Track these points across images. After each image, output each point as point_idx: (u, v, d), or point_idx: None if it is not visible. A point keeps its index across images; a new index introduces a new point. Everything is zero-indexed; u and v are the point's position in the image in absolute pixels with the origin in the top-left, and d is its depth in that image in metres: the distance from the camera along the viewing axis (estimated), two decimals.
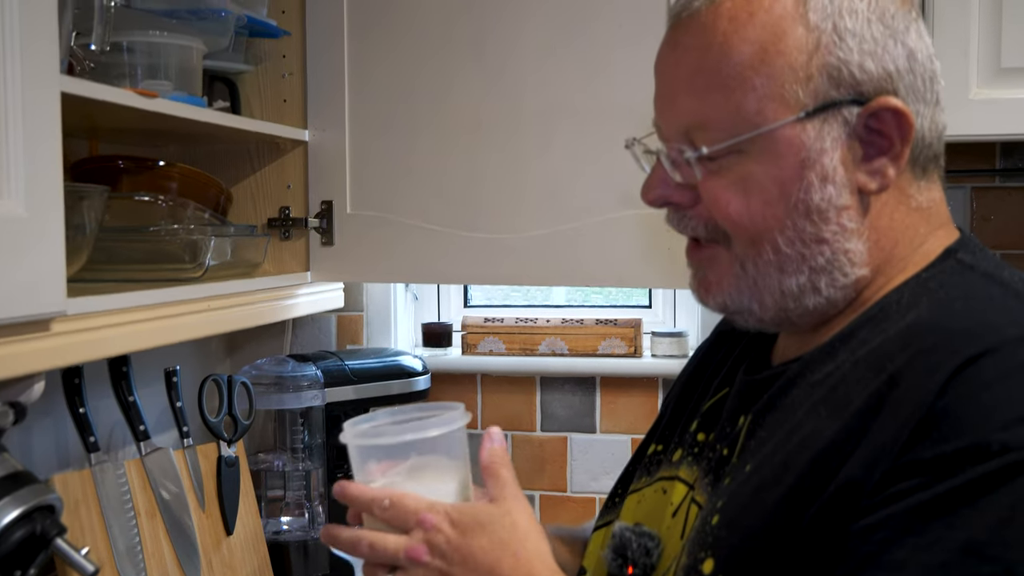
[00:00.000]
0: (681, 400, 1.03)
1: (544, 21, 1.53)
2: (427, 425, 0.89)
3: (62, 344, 1.05)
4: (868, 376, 0.75)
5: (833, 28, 0.79)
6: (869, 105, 0.79)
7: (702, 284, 0.88)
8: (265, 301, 1.53)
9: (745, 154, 0.81)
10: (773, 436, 0.80)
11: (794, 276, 0.82)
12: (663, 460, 0.98)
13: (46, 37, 0.95)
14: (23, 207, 0.93)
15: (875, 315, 0.82)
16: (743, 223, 0.82)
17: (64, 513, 1.35)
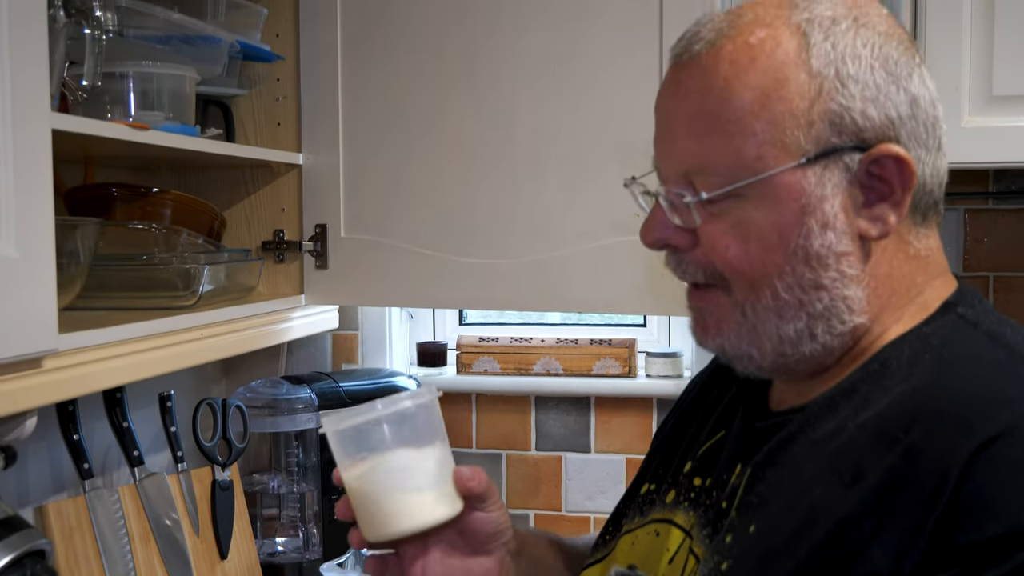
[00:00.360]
0: (674, 438, 1.02)
1: (536, 45, 1.53)
2: (398, 399, 0.92)
3: (54, 380, 1.05)
4: (878, 446, 0.74)
5: (836, 74, 0.79)
6: (871, 152, 0.79)
7: (701, 326, 0.87)
8: (259, 326, 1.53)
9: (744, 199, 0.80)
10: (777, 496, 0.79)
11: (792, 322, 0.81)
12: (656, 500, 0.97)
13: (37, 76, 0.96)
14: (14, 247, 0.93)
15: (876, 370, 0.81)
16: (742, 268, 0.81)
17: (58, 540, 1.36)
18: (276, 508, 1.80)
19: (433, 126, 1.59)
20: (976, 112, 1.39)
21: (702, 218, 0.82)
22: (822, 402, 0.82)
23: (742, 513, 0.82)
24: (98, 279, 1.27)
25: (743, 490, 0.83)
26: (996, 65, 1.38)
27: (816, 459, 0.78)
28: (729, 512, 0.83)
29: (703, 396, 1.03)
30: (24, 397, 1.00)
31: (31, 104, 0.95)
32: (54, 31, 1.08)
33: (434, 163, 1.59)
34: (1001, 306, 1.76)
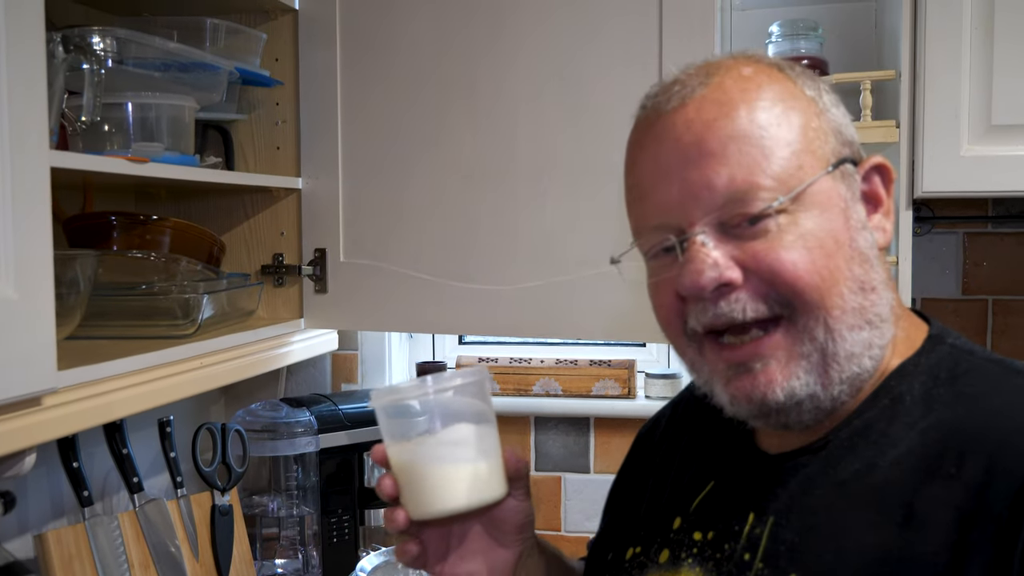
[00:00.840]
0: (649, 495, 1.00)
1: (535, 70, 1.53)
2: (450, 376, 0.90)
3: (54, 417, 1.05)
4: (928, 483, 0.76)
5: (820, 97, 0.84)
6: (862, 164, 0.85)
7: (764, 378, 0.80)
8: (259, 352, 1.53)
9: (794, 213, 0.79)
10: (812, 542, 0.79)
11: (858, 331, 0.80)
12: (647, 563, 0.94)
13: (35, 116, 0.96)
14: (12, 288, 0.93)
15: (888, 407, 0.82)
16: (813, 281, 0.78)
17: (58, 568, 1.36)
18: (276, 529, 1.80)
19: (432, 150, 1.59)
20: (975, 141, 1.39)
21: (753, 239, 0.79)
22: (840, 443, 0.82)
23: (772, 564, 0.81)
24: (98, 308, 1.27)
25: (768, 539, 0.82)
26: (995, 94, 1.38)
27: (850, 500, 0.79)
28: (753, 563, 0.82)
29: (670, 446, 1.02)
30: (24, 436, 1.00)
31: (30, 144, 0.95)
32: (53, 66, 1.08)
33: (433, 187, 1.59)
34: (1000, 329, 1.76)
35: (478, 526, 0.96)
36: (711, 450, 0.95)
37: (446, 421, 0.90)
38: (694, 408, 1.03)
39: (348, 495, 1.81)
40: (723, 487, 0.91)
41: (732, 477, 0.90)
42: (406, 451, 0.91)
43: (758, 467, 0.88)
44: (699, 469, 0.95)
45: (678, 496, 0.95)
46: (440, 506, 0.90)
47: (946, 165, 1.39)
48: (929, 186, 1.41)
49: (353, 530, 1.81)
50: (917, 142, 1.41)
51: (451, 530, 0.96)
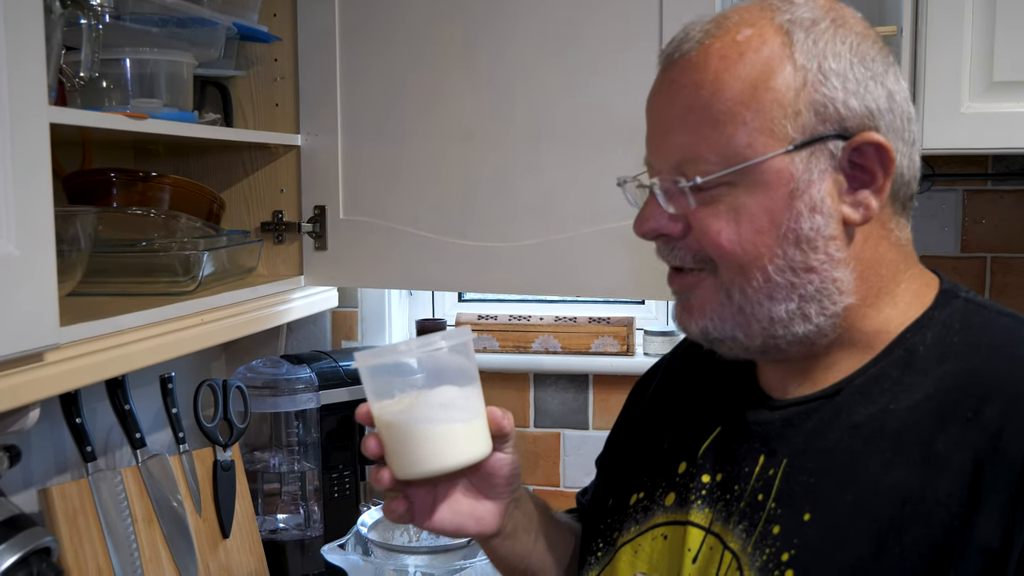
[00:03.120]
0: (650, 442, 1.02)
1: (535, 29, 1.52)
2: (434, 338, 0.91)
3: (57, 373, 1.06)
4: (946, 426, 0.80)
5: (818, 68, 0.82)
6: (853, 140, 0.83)
7: (685, 309, 0.90)
8: (259, 309, 1.54)
9: (736, 185, 0.83)
10: (828, 482, 0.83)
11: (783, 303, 0.84)
12: (652, 507, 0.97)
13: (34, 72, 0.95)
14: (14, 245, 0.93)
15: (902, 356, 0.86)
16: (734, 251, 0.84)
17: (62, 523, 1.38)
18: (277, 484, 1.82)
19: (432, 108, 1.59)
20: (976, 98, 1.39)
21: (696, 203, 0.85)
22: (853, 390, 0.86)
23: (786, 504, 0.84)
24: (98, 265, 1.28)
25: (781, 479, 0.86)
26: (997, 51, 1.37)
27: (866, 442, 0.82)
28: (766, 504, 0.86)
29: (670, 394, 1.05)
30: (27, 391, 1.01)
31: (29, 100, 0.94)
32: (50, 21, 1.08)
33: (433, 145, 1.59)
34: (999, 287, 1.77)
35: (464, 480, 0.98)
36: (715, 396, 0.98)
37: (430, 382, 0.91)
38: (693, 358, 1.06)
39: (349, 451, 1.83)
40: (731, 431, 0.94)
41: (740, 421, 0.93)
42: (390, 412, 0.91)
43: (766, 411, 0.91)
44: (704, 415, 0.97)
45: (682, 442, 0.98)
46: (425, 466, 0.91)
47: (947, 122, 1.39)
48: (929, 143, 1.41)
49: (354, 485, 1.83)
50: (918, 99, 1.41)
51: (437, 484, 0.97)
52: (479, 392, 0.94)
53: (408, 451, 0.91)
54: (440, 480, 0.96)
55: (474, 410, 0.93)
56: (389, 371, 0.93)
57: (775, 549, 0.83)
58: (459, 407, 0.92)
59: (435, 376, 0.92)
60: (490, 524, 0.99)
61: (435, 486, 0.97)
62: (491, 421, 0.94)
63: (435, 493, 0.97)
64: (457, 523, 0.98)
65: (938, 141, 1.41)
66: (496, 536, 1.01)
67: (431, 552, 1.57)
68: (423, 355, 0.92)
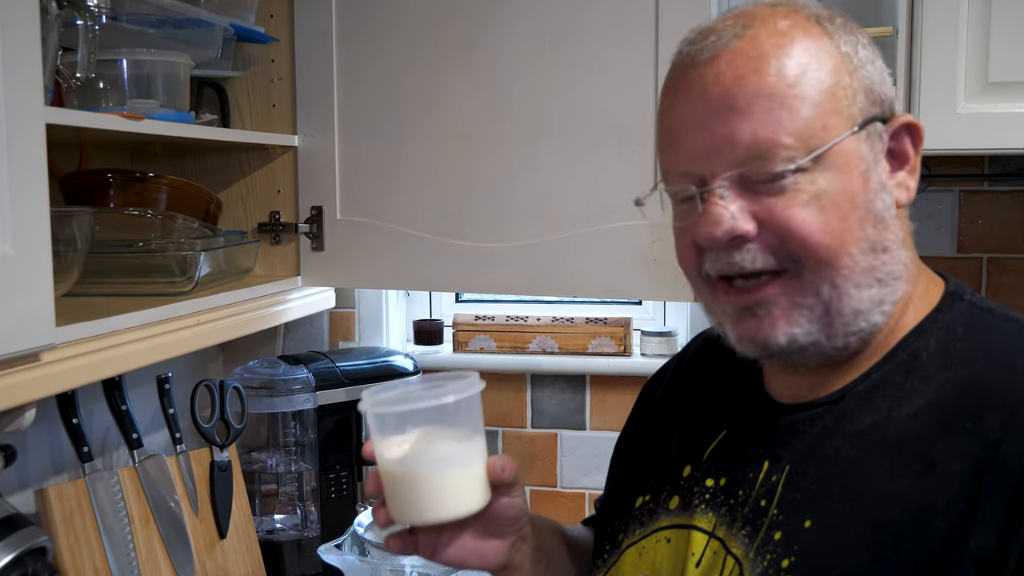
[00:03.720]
0: (656, 446, 1.02)
1: (532, 29, 1.53)
2: (444, 391, 0.89)
3: (53, 373, 1.06)
4: (946, 435, 0.79)
5: (856, 54, 0.84)
6: (891, 122, 0.85)
7: (767, 322, 0.84)
8: (256, 309, 1.54)
9: (813, 172, 0.81)
10: (829, 490, 0.82)
11: (866, 289, 0.83)
12: (657, 510, 0.96)
13: (30, 72, 0.96)
14: (10, 245, 0.93)
15: (906, 362, 0.85)
16: (824, 241, 0.81)
17: (59, 523, 1.38)
18: (274, 485, 1.82)
19: (429, 108, 1.59)
20: (972, 98, 1.39)
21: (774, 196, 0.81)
22: (856, 396, 0.85)
23: (788, 510, 0.84)
24: (95, 265, 1.28)
25: (784, 486, 0.85)
26: (992, 51, 1.37)
27: (868, 451, 0.82)
28: (768, 510, 0.85)
29: (676, 399, 1.04)
30: (23, 391, 1.01)
31: (25, 101, 0.94)
32: (46, 22, 1.08)
33: (430, 146, 1.59)
34: (995, 287, 1.77)
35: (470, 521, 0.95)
36: (721, 401, 0.97)
37: (433, 432, 0.90)
38: (700, 361, 1.05)
39: (346, 451, 1.83)
40: (736, 436, 0.93)
41: (745, 426, 0.92)
42: (395, 460, 0.90)
43: (772, 417, 0.90)
44: (710, 419, 0.97)
45: (688, 445, 0.97)
46: (419, 515, 0.90)
47: (943, 122, 1.39)
48: (925, 143, 1.40)
49: (351, 486, 1.83)
50: (914, 99, 1.41)
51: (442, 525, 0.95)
52: (482, 443, 0.92)
53: (405, 498, 0.90)
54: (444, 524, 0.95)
55: (473, 463, 0.91)
56: (392, 419, 0.91)
57: (775, 556, 0.82)
58: (458, 460, 0.90)
59: (439, 426, 0.90)
60: (494, 561, 0.97)
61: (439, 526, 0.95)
62: (491, 472, 0.91)
63: (439, 530, 0.95)
64: (461, 558, 0.96)
65: (934, 141, 1.40)
66: (503, 569, 0.99)
67: None
68: (430, 407, 0.89)
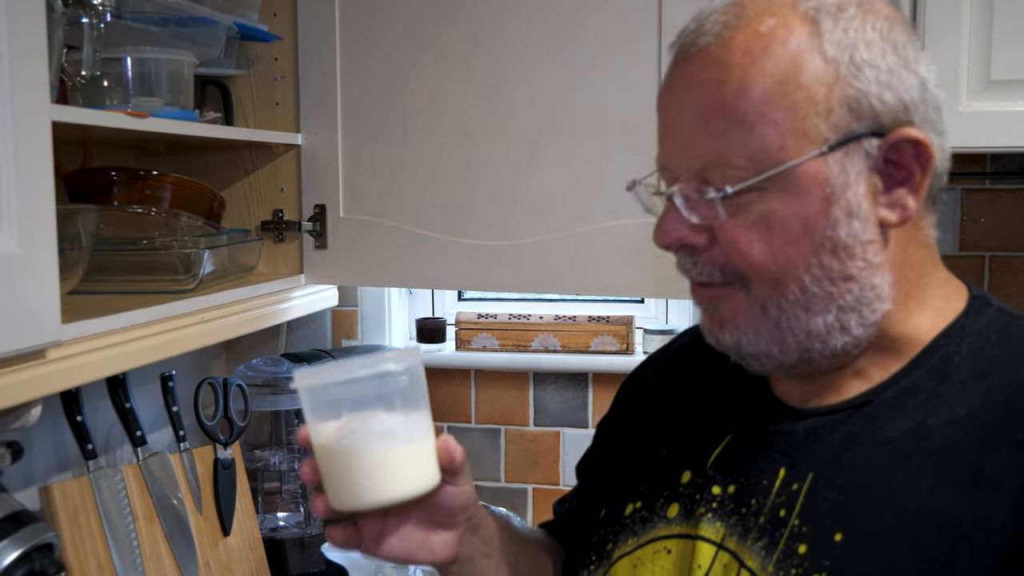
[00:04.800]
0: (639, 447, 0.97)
1: (534, 28, 1.53)
2: (382, 359, 0.82)
3: (58, 370, 1.06)
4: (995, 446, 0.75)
5: (850, 60, 0.77)
6: (888, 137, 0.77)
7: (716, 321, 0.84)
8: (260, 307, 1.54)
9: (767, 191, 0.77)
10: (861, 500, 0.78)
11: (821, 315, 0.79)
12: (652, 518, 0.91)
13: (36, 70, 0.96)
14: (16, 242, 0.93)
15: (937, 367, 0.81)
16: (767, 264, 0.78)
17: (63, 520, 1.38)
18: (277, 483, 1.83)
19: (432, 106, 1.59)
20: (974, 97, 1.39)
21: (726, 214, 0.79)
22: (885, 401, 0.81)
23: (813, 521, 0.79)
24: (100, 263, 1.28)
25: (805, 496, 0.81)
26: (995, 50, 1.37)
27: (904, 460, 0.77)
28: (789, 520, 0.80)
29: (664, 397, 1.00)
30: (28, 388, 1.01)
31: (31, 99, 0.94)
32: (52, 20, 1.08)
33: (433, 144, 1.60)
34: (997, 285, 1.77)
35: (416, 509, 0.89)
36: (723, 402, 0.93)
37: (371, 408, 0.82)
38: (691, 357, 1.01)
39: None
40: (744, 440, 0.88)
41: (755, 430, 0.88)
42: (326, 438, 0.83)
43: (785, 421, 0.86)
44: (711, 422, 0.92)
45: (685, 449, 0.92)
46: (366, 498, 0.82)
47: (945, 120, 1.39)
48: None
49: None
50: None
51: (387, 514, 0.88)
52: (427, 420, 0.85)
53: (343, 480, 0.82)
54: (389, 509, 0.86)
55: (419, 438, 0.84)
56: (329, 394, 0.83)
57: (802, 570, 0.78)
58: (401, 435, 0.82)
59: (375, 402, 0.82)
60: (443, 554, 0.91)
61: (385, 515, 0.88)
62: (441, 451, 0.85)
63: (385, 522, 0.89)
64: (408, 552, 0.90)
65: None
66: (452, 563, 0.93)
67: None
68: (367, 377, 0.82)
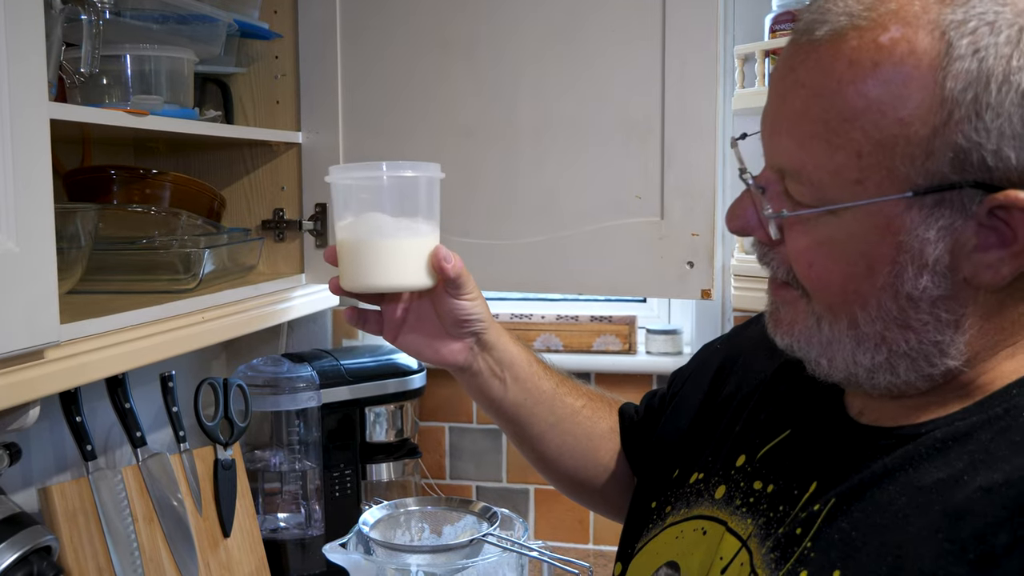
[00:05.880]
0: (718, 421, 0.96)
1: (537, 25, 1.52)
2: (402, 166, 0.97)
3: (57, 370, 1.05)
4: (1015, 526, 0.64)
5: (973, 100, 0.65)
6: (997, 196, 0.66)
7: (774, 319, 0.82)
8: (260, 307, 1.53)
9: (838, 216, 0.71)
10: (868, 541, 0.71)
11: (870, 353, 0.74)
12: (704, 493, 0.90)
13: (34, 68, 0.95)
14: (14, 242, 0.92)
15: (999, 416, 0.71)
16: (824, 288, 0.74)
17: (62, 522, 1.37)
18: (278, 483, 1.82)
19: (433, 106, 1.58)
20: None
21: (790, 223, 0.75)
22: (930, 442, 0.72)
23: (821, 549, 0.74)
24: (99, 262, 1.27)
25: (823, 520, 0.76)
26: None
27: (923, 512, 0.69)
28: (803, 540, 0.76)
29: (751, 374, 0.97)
30: (27, 389, 1.00)
31: (29, 96, 0.94)
32: (50, 17, 1.07)
33: (434, 143, 1.58)
34: None
35: (430, 312, 1.04)
36: (797, 395, 0.88)
37: (381, 205, 0.97)
38: None
39: (350, 450, 1.82)
40: (796, 441, 0.85)
41: (808, 433, 0.85)
42: (343, 226, 0.99)
43: (836, 432, 0.82)
44: (777, 411, 0.89)
45: (749, 432, 0.90)
46: (358, 281, 0.99)
47: None
48: None
49: (355, 484, 1.83)
50: None
51: (408, 307, 1.05)
52: (429, 227, 0.99)
53: (347, 265, 0.99)
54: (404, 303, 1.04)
55: (409, 240, 0.97)
56: (349, 189, 0.99)
57: None
58: (396, 233, 0.97)
59: (386, 200, 0.98)
60: (449, 358, 1.05)
61: (406, 308, 1.05)
62: (433, 258, 0.98)
63: (403, 316, 1.05)
64: (416, 347, 1.05)
65: None
66: (461, 372, 1.07)
67: (433, 551, 1.57)
68: (382, 178, 0.98)
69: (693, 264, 1.43)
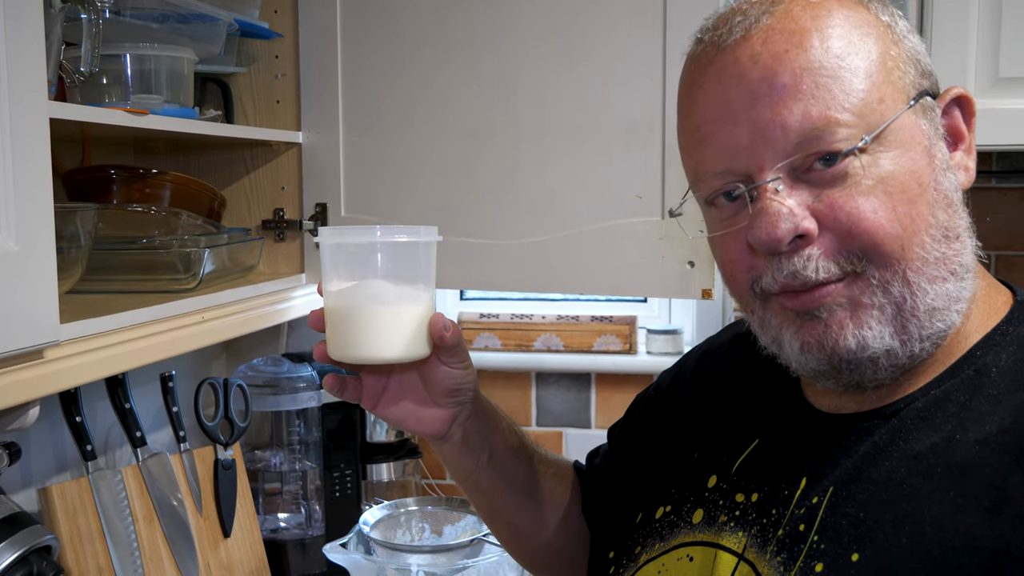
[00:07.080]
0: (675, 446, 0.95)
1: (538, 25, 1.51)
2: (396, 231, 0.91)
3: (57, 370, 1.05)
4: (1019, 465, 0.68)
5: (897, 24, 0.77)
6: (941, 97, 0.77)
7: (833, 325, 0.75)
8: (260, 307, 1.53)
9: (874, 153, 0.72)
10: (881, 519, 0.72)
11: (941, 283, 0.74)
12: (678, 523, 0.89)
13: (33, 66, 0.94)
14: (13, 241, 0.92)
15: (971, 377, 0.75)
16: (893, 230, 0.72)
17: (63, 522, 1.37)
18: (278, 484, 1.81)
19: (435, 105, 1.58)
20: (982, 94, 1.38)
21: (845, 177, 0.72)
22: (913, 413, 0.75)
23: (831, 539, 0.74)
24: (99, 262, 1.27)
25: (826, 510, 0.75)
26: (1003, 46, 1.36)
27: (927, 477, 0.71)
28: (808, 536, 0.75)
29: (698, 401, 0.97)
30: (27, 388, 1.00)
31: (28, 95, 0.93)
32: (50, 16, 1.07)
33: (435, 142, 1.58)
34: None
35: (416, 380, 0.97)
36: (754, 405, 0.89)
37: (378, 273, 0.91)
38: (729, 358, 0.98)
39: (350, 450, 1.82)
40: (770, 446, 0.85)
41: (781, 436, 0.84)
42: (335, 293, 0.93)
43: (812, 427, 0.82)
44: (740, 425, 0.89)
45: (714, 452, 0.89)
46: (350, 352, 0.91)
47: None
48: None
49: (356, 484, 1.83)
50: None
51: (390, 375, 0.97)
52: (425, 294, 0.92)
53: (336, 333, 0.93)
54: (392, 372, 0.97)
55: (408, 310, 0.90)
56: (341, 254, 0.94)
57: None
58: (389, 300, 0.90)
59: (382, 268, 0.91)
60: (430, 428, 0.98)
61: (387, 376, 0.97)
62: (432, 326, 0.90)
63: (386, 383, 0.97)
64: (399, 417, 0.98)
65: None
66: (441, 441, 1.00)
67: (434, 551, 1.57)
68: (377, 244, 0.91)
69: (694, 264, 1.43)
